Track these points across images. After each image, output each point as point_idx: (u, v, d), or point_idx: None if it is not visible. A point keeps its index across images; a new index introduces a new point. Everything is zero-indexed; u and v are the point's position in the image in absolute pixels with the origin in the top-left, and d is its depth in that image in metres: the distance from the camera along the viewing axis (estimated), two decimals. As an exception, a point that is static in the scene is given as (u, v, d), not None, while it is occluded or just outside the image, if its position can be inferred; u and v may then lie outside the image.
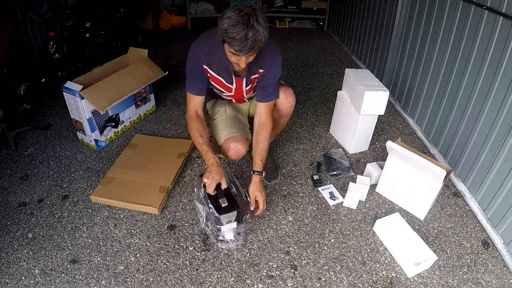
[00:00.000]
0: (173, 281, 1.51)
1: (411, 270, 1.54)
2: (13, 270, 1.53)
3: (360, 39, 3.58)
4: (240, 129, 1.80)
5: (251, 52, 1.38)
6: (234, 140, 1.73)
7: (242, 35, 1.30)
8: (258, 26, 1.31)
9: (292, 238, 1.71)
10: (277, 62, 1.65)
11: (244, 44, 1.32)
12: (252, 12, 1.32)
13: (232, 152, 1.74)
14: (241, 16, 1.30)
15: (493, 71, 1.71)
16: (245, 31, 1.30)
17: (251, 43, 1.32)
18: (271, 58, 1.62)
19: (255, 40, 1.32)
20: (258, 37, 1.33)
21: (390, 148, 1.78)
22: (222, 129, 1.80)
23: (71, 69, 2.75)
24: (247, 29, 1.30)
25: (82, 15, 2.89)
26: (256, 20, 1.31)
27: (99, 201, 1.86)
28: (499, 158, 1.67)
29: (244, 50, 1.35)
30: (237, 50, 1.36)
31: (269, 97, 1.71)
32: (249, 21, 1.30)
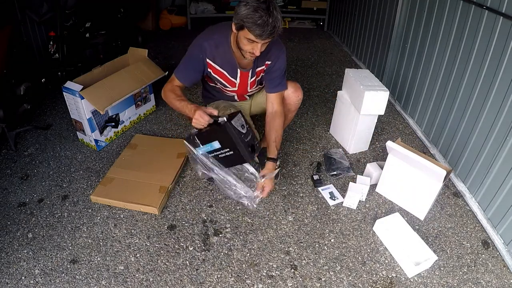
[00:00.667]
0: (173, 281, 1.51)
1: (411, 270, 1.54)
2: (13, 270, 1.53)
3: (360, 39, 3.58)
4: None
5: (270, 37, 1.43)
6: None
7: (263, 20, 1.36)
8: (277, 13, 1.38)
9: (292, 238, 1.71)
10: (283, 53, 1.71)
11: (265, 29, 1.37)
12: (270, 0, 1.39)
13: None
14: (261, 2, 1.37)
15: (493, 71, 1.71)
16: (266, 16, 1.36)
17: (271, 29, 1.38)
18: (277, 50, 1.68)
19: (274, 26, 1.38)
20: (278, 24, 1.39)
21: (390, 148, 1.78)
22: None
23: (71, 69, 2.75)
24: (268, 15, 1.36)
25: (82, 15, 2.89)
26: (275, 8, 1.39)
27: (99, 201, 1.86)
28: (499, 158, 1.67)
29: (264, 35, 1.39)
30: (257, 35, 1.40)
31: (279, 87, 1.76)
32: (269, 7, 1.37)
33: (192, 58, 1.65)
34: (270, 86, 1.77)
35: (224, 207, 1.85)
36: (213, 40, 1.61)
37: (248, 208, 1.71)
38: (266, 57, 1.68)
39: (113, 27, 3.27)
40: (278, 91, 1.77)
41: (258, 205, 1.87)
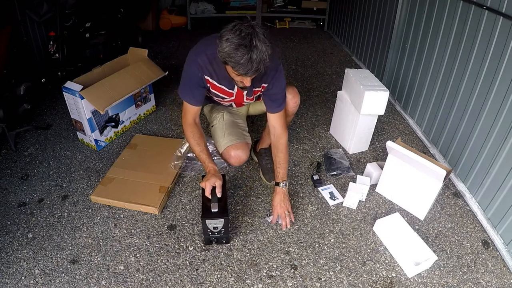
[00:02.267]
0: (173, 281, 1.51)
1: (411, 270, 1.54)
2: (13, 270, 1.53)
3: (360, 39, 3.58)
4: (239, 135, 1.80)
5: (256, 73, 1.35)
6: (234, 148, 1.75)
7: (246, 58, 1.26)
8: (261, 45, 1.26)
9: (292, 238, 1.71)
10: (280, 74, 1.61)
11: (249, 67, 1.28)
12: (253, 31, 1.26)
13: (234, 160, 1.76)
14: (242, 37, 1.25)
15: (493, 71, 1.71)
16: (249, 54, 1.25)
17: (256, 65, 1.28)
18: (273, 71, 1.57)
19: (260, 61, 1.28)
20: (263, 57, 1.28)
21: (390, 148, 1.78)
22: (221, 136, 1.80)
23: (71, 69, 2.75)
24: (251, 51, 1.25)
25: (82, 15, 2.89)
26: (258, 39, 1.26)
27: (99, 201, 1.86)
28: (499, 158, 1.67)
29: (249, 72, 1.31)
30: (243, 73, 1.32)
31: (279, 107, 1.69)
32: (251, 42, 1.25)
33: (191, 77, 1.58)
34: (271, 106, 1.69)
35: (224, 207, 1.86)
36: (206, 57, 1.52)
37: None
38: (262, 80, 1.61)
39: (113, 27, 3.26)
40: (279, 111, 1.69)
41: (258, 205, 1.87)
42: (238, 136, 1.80)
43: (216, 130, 1.85)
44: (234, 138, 1.78)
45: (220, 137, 1.82)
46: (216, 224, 1.56)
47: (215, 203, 1.55)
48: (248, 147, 1.81)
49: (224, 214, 1.55)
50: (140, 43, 3.71)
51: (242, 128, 1.89)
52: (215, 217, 1.54)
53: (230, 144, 1.76)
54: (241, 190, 1.97)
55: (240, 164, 1.79)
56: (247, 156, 1.78)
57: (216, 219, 1.54)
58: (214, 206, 1.54)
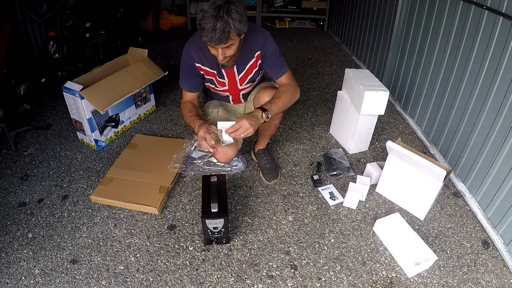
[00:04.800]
0: (173, 281, 1.51)
1: (411, 270, 1.54)
2: (13, 270, 1.53)
3: (360, 39, 3.58)
4: None
5: (221, 43, 1.39)
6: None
7: (210, 26, 1.32)
8: (228, 17, 1.33)
9: (292, 238, 1.71)
10: (269, 38, 1.65)
11: (212, 35, 1.34)
12: (224, 3, 1.33)
13: (220, 156, 1.75)
14: (212, 7, 1.33)
15: (493, 71, 1.71)
16: (213, 22, 1.32)
17: (219, 34, 1.33)
18: (260, 36, 1.62)
19: (223, 31, 1.33)
20: (227, 29, 1.34)
21: (390, 148, 1.78)
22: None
23: (71, 69, 2.75)
24: (216, 20, 1.32)
25: (82, 15, 2.89)
26: (227, 11, 1.33)
27: (99, 201, 1.86)
28: (499, 158, 1.67)
29: (212, 40, 1.37)
30: (207, 40, 1.38)
31: (282, 69, 1.70)
32: (218, 12, 1.32)
33: (185, 65, 1.70)
34: (273, 73, 1.71)
35: (224, 207, 1.86)
36: (196, 44, 1.61)
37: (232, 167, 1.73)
38: (253, 48, 1.64)
39: (113, 27, 3.26)
40: (283, 73, 1.70)
41: (258, 205, 1.87)
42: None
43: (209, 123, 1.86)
44: None
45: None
46: (216, 224, 1.56)
47: (215, 203, 1.55)
48: (236, 146, 1.79)
49: (224, 214, 1.55)
50: (140, 43, 3.71)
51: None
52: (215, 217, 1.54)
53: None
54: (241, 190, 1.97)
55: (227, 160, 1.79)
56: (233, 153, 1.77)
57: (216, 219, 1.55)
58: (214, 206, 1.55)
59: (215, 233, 1.59)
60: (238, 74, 1.72)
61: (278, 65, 1.69)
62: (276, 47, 1.68)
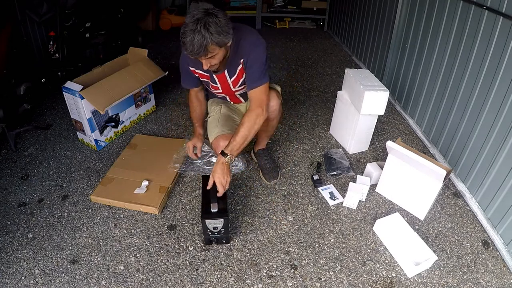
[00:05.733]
0: (173, 281, 1.51)
1: (411, 270, 1.54)
2: (13, 270, 1.53)
3: (360, 39, 3.58)
4: (231, 128, 1.82)
5: (199, 56, 1.43)
6: (223, 138, 1.76)
7: (188, 40, 1.36)
8: (205, 31, 1.34)
9: (292, 238, 1.71)
10: (257, 47, 1.59)
11: (190, 49, 1.37)
12: (203, 17, 1.35)
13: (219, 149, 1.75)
14: (191, 21, 1.35)
15: (493, 71, 1.71)
16: (191, 36, 1.35)
17: (197, 48, 1.36)
18: (249, 45, 1.58)
19: (200, 45, 1.36)
20: (204, 43, 1.36)
21: (390, 148, 1.78)
22: (214, 127, 1.85)
23: (71, 69, 2.75)
24: (194, 34, 1.34)
25: (82, 15, 2.89)
26: (204, 25, 1.34)
27: (99, 201, 1.86)
28: (499, 158, 1.67)
29: (191, 54, 1.40)
30: (187, 53, 1.42)
31: (255, 83, 1.61)
32: (196, 26, 1.34)
33: (182, 68, 1.76)
34: (248, 83, 1.64)
35: (224, 207, 1.86)
36: None
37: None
38: (239, 55, 1.62)
39: (113, 27, 3.26)
40: (255, 87, 1.61)
41: (258, 205, 1.87)
42: (230, 128, 1.81)
43: (211, 121, 1.91)
44: (226, 129, 1.80)
45: (213, 127, 1.86)
46: (216, 224, 1.56)
47: (215, 203, 1.55)
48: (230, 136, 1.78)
49: (223, 214, 1.55)
50: (140, 43, 3.71)
51: (236, 122, 1.90)
52: (215, 217, 1.54)
53: (220, 133, 1.78)
54: (241, 190, 1.97)
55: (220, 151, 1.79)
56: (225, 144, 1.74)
57: (216, 219, 1.55)
58: (214, 206, 1.55)
59: (215, 233, 1.59)
60: (230, 78, 1.72)
61: (254, 77, 1.61)
62: (263, 58, 1.60)
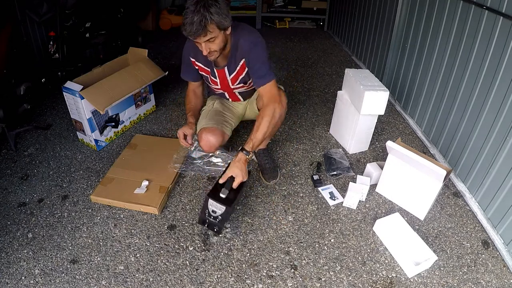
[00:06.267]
0: (173, 281, 1.51)
1: (411, 270, 1.54)
2: (13, 270, 1.53)
3: (360, 39, 3.58)
4: (218, 122, 1.84)
5: (199, 36, 1.45)
6: (207, 130, 1.78)
7: (189, 20, 1.41)
8: (205, 11, 1.40)
9: (292, 238, 1.71)
10: (256, 47, 1.64)
11: (190, 28, 1.42)
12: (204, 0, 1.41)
13: (203, 143, 1.79)
14: (192, 3, 1.42)
15: (493, 71, 1.71)
16: (191, 15, 1.40)
17: (196, 27, 1.41)
18: (249, 44, 1.64)
19: (199, 23, 1.40)
20: (203, 21, 1.40)
21: (390, 148, 1.78)
22: (202, 119, 1.89)
23: (71, 69, 2.75)
24: (193, 14, 1.40)
25: (82, 15, 2.89)
26: (203, 6, 1.40)
27: (99, 201, 1.86)
28: (499, 158, 1.67)
29: (191, 33, 1.44)
30: (186, 35, 1.45)
31: (264, 79, 1.66)
32: (196, 6, 1.41)
33: (184, 58, 1.80)
34: (255, 81, 1.70)
35: (224, 207, 1.86)
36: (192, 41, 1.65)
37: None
38: (240, 54, 1.67)
39: (113, 27, 3.26)
40: (264, 83, 1.66)
41: (258, 205, 1.87)
42: (216, 122, 1.83)
43: (202, 114, 1.94)
44: (211, 123, 1.82)
45: (201, 119, 1.90)
46: (216, 208, 1.55)
47: (227, 191, 1.56)
48: (221, 136, 1.82)
49: (228, 203, 1.54)
50: (140, 43, 3.71)
51: (226, 119, 1.91)
52: (220, 201, 1.54)
53: (205, 126, 1.80)
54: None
55: (210, 149, 1.82)
56: (217, 143, 1.79)
57: (219, 203, 1.54)
58: (224, 192, 1.56)
59: (212, 217, 1.57)
60: (230, 74, 1.75)
61: (260, 74, 1.65)
62: (264, 58, 1.64)
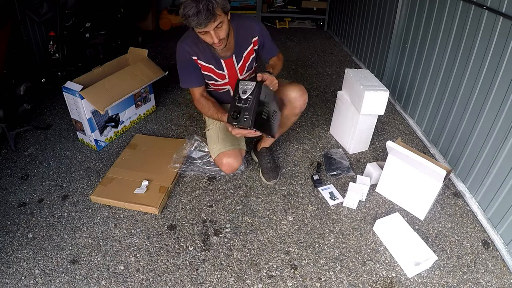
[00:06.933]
0: (173, 281, 1.51)
1: (411, 270, 1.54)
2: (13, 270, 1.53)
3: (360, 39, 3.58)
4: (233, 142, 1.79)
5: (209, 21, 1.40)
6: (226, 155, 1.75)
7: (194, 10, 1.35)
8: None
9: (292, 238, 1.71)
10: (262, 26, 1.74)
11: (199, 17, 1.36)
12: None
13: (225, 168, 1.77)
14: None
15: (493, 71, 1.71)
16: (195, 5, 1.34)
17: (205, 13, 1.35)
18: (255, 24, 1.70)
19: (207, 8, 1.36)
20: (210, 5, 1.36)
21: (390, 148, 1.78)
22: (215, 142, 1.81)
23: (71, 69, 2.75)
24: (196, 3, 1.34)
25: (82, 15, 2.89)
26: None
27: (99, 201, 1.86)
28: (499, 158, 1.67)
29: (201, 22, 1.37)
30: (196, 25, 1.39)
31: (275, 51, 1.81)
32: None
33: (183, 63, 1.69)
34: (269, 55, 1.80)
35: (224, 207, 1.86)
36: (189, 39, 1.65)
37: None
38: (249, 33, 1.68)
39: (113, 27, 3.27)
40: (275, 54, 1.81)
41: (258, 205, 1.87)
42: (231, 143, 1.78)
43: (211, 134, 1.86)
44: (228, 145, 1.77)
45: (214, 142, 1.82)
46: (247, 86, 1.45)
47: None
48: (241, 154, 1.80)
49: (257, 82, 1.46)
50: (140, 43, 3.72)
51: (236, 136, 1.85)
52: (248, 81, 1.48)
53: (223, 150, 1.76)
54: (241, 190, 1.97)
55: (232, 171, 1.79)
56: (239, 164, 1.77)
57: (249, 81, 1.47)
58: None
59: (242, 101, 1.45)
60: (238, 63, 1.73)
61: (273, 50, 1.80)
62: (269, 33, 1.77)
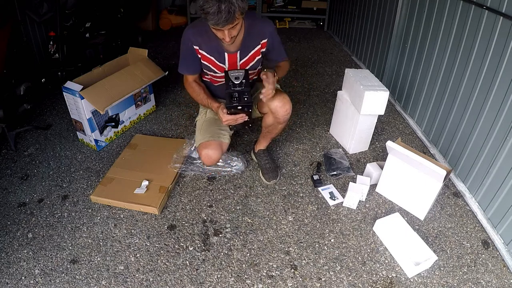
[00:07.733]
0: (173, 281, 1.51)
1: (411, 270, 1.54)
2: (13, 270, 1.53)
3: (360, 39, 3.58)
4: (214, 134, 1.80)
5: (228, 24, 1.40)
6: (204, 146, 1.76)
7: (215, 9, 1.33)
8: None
9: (292, 238, 1.71)
10: (274, 28, 1.75)
11: (218, 17, 1.34)
12: None
13: (203, 158, 1.78)
14: None
15: (493, 71, 1.71)
16: (217, 4, 1.32)
17: (225, 15, 1.34)
18: (267, 25, 1.70)
19: (228, 11, 1.34)
20: (232, 8, 1.35)
21: (390, 148, 1.78)
22: (198, 133, 1.85)
23: (71, 69, 2.75)
24: (219, 2, 1.32)
25: (82, 15, 2.89)
26: None
27: (99, 201, 1.86)
28: (499, 158, 1.67)
29: (220, 23, 1.37)
30: (214, 24, 1.39)
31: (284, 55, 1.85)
32: None
33: (184, 49, 1.71)
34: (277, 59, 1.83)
35: (224, 207, 1.86)
36: (196, 28, 1.64)
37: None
38: (259, 35, 1.68)
39: (113, 27, 3.26)
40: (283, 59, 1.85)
41: (258, 205, 1.87)
42: (212, 134, 1.79)
43: (197, 125, 1.91)
44: (208, 136, 1.78)
45: (197, 133, 1.87)
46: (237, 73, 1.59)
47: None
48: (221, 147, 1.79)
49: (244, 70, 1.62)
50: (140, 43, 3.71)
51: (221, 127, 1.85)
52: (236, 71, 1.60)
53: (202, 141, 1.78)
54: (241, 190, 1.97)
55: (211, 163, 1.80)
56: (217, 156, 1.77)
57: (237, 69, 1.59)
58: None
59: (237, 86, 1.58)
60: (240, 60, 1.73)
61: (282, 54, 1.83)
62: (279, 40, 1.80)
